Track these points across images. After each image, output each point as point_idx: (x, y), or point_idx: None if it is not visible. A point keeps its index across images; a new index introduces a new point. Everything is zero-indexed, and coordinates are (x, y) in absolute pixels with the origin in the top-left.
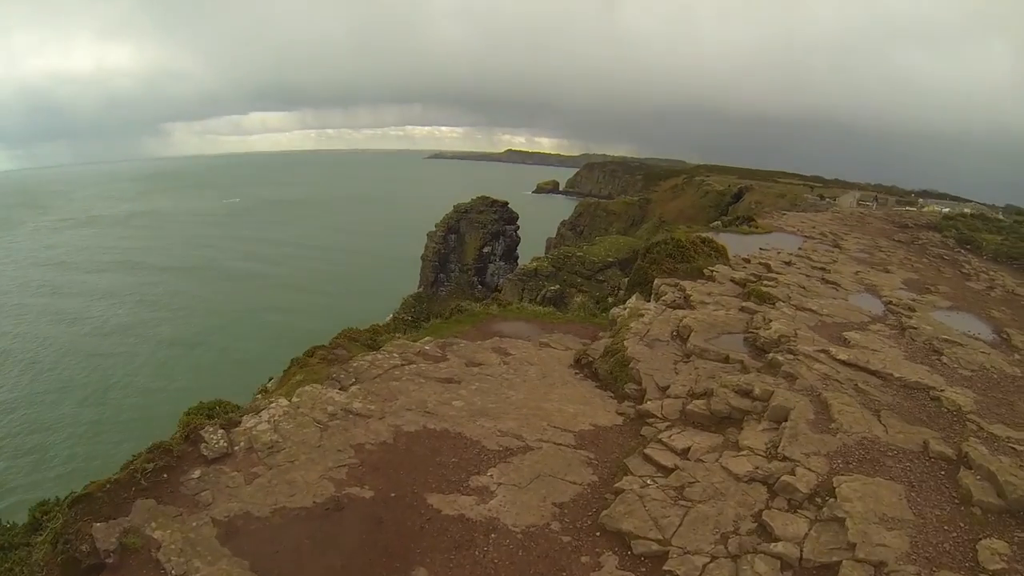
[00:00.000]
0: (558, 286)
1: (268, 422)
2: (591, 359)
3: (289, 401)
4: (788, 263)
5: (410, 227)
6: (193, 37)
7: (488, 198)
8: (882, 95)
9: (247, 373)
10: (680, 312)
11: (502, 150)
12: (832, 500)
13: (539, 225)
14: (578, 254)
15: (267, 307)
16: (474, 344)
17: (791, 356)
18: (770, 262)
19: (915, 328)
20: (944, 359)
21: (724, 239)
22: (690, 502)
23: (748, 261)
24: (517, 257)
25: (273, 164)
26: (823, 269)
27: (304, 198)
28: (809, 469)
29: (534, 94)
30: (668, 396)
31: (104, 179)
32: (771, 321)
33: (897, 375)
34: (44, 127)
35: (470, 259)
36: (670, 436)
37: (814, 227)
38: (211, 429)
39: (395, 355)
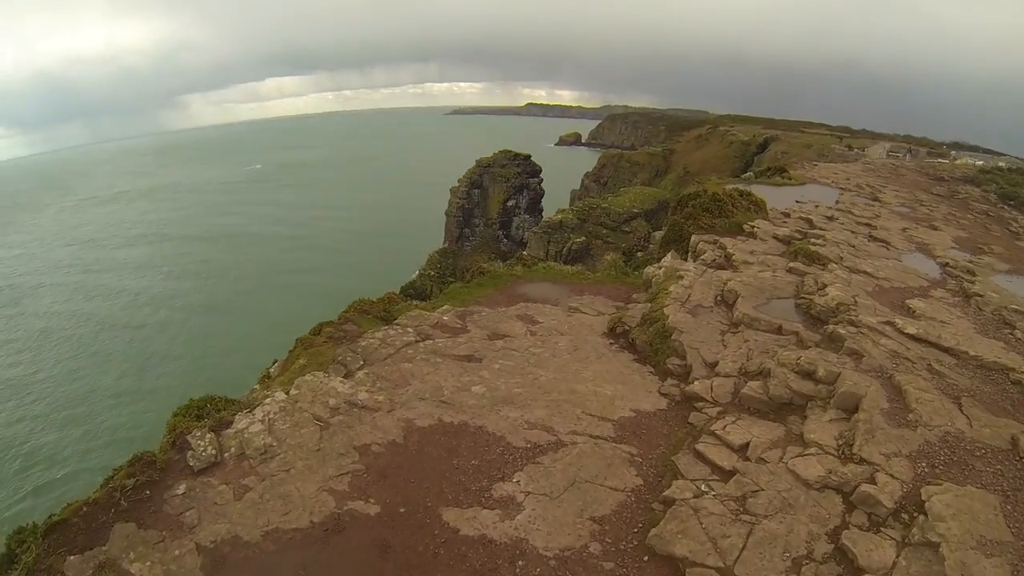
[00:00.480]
0: (584, 238)
1: (262, 422)
2: (627, 327)
3: (286, 394)
4: (830, 218)
5: (433, 183)
6: (202, 7)
7: (510, 152)
8: (911, 42)
9: (280, 335)
10: (723, 274)
11: (522, 104)
12: (923, 518)
13: (563, 177)
14: (603, 206)
15: (296, 269)
16: (497, 312)
17: (853, 329)
18: (811, 216)
19: (981, 296)
20: (1018, 333)
21: (757, 191)
22: (754, 516)
23: (788, 215)
24: (542, 210)
25: (292, 129)
26: (868, 225)
27: (325, 160)
28: (891, 476)
29: (552, 46)
30: (717, 374)
31: (123, 156)
32: (826, 286)
33: (972, 353)
34: (60, 109)
35: (494, 213)
36: (724, 427)
37: (848, 179)
38: (199, 434)
39: (409, 329)
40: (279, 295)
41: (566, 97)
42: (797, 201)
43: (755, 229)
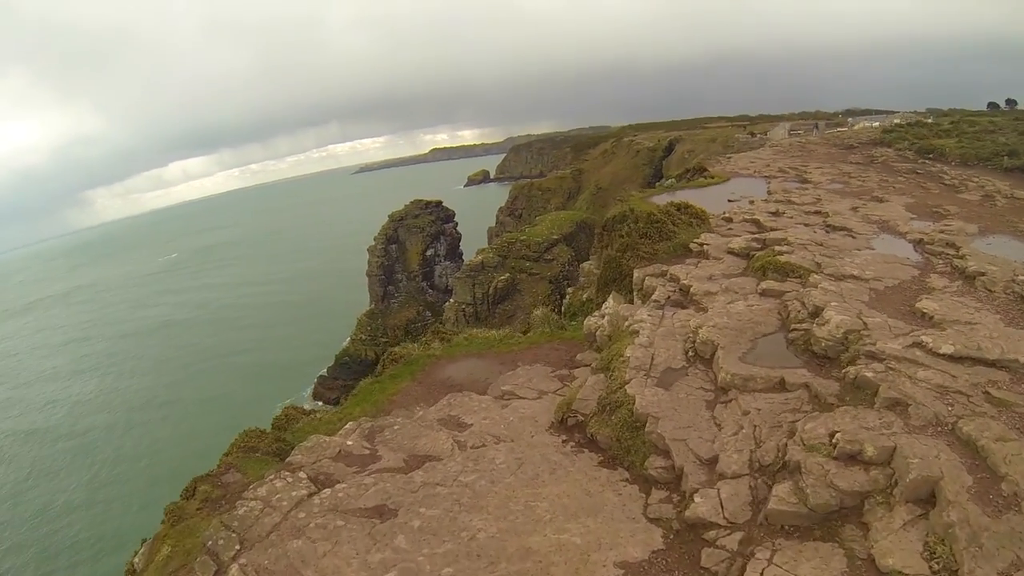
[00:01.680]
0: (508, 274)
1: None
2: (580, 417)
3: None
4: (775, 213)
5: (352, 244)
6: (94, 97)
7: (421, 200)
8: (788, 21)
9: (225, 417)
10: (685, 316)
11: (427, 151)
12: None
13: (477, 217)
14: (521, 238)
15: (229, 352)
16: (415, 420)
17: (879, 366)
18: (756, 216)
19: (982, 274)
20: None
21: (684, 197)
22: None
23: (730, 219)
24: (461, 254)
25: (201, 211)
26: (818, 212)
27: (240, 238)
28: None
29: (447, 88)
30: (722, 476)
31: (33, 262)
32: (820, 309)
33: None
34: None
35: (415, 265)
36: (760, 573)
37: (768, 164)
38: None
39: (302, 475)
40: (220, 380)
41: (468, 136)
42: (729, 200)
43: (705, 247)
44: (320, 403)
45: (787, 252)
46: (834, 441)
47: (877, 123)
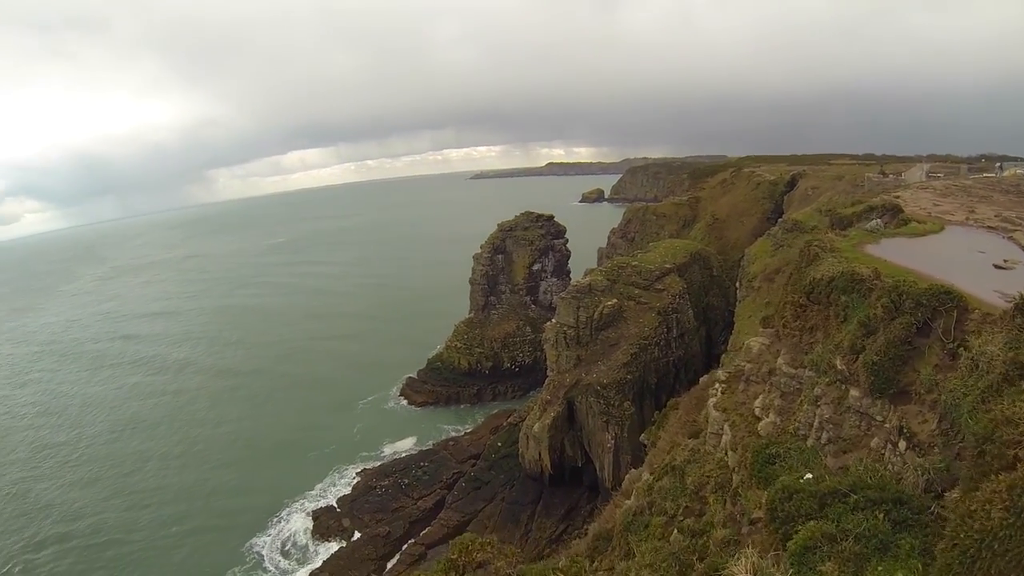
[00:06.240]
0: (615, 300)
1: None
2: None
3: None
4: None
5: (459, 249)
6: (218, 89)
7: (532, 213)
8: (905, 61)
9: (317, 405)
10: None
11: (542, 164)
12: None
13: (589, 236)
14: (633, 263)
15: (323, 337)
16: None
17: None
18: None
19: None
20: None
21: (892, 247)
22: None
23: None
24: (569, 272)
25: (315, 200)
26: None
27: (350, 229)
28: None
29: (560, 105)
30: None
31: (154, 229)
32: None
33: None
34: (93, 186)
35: (520, 278)
36: None
37: (971, 210)
38: None
39: None
40: (307, 363)
41: (583, 154)
42: (996, 266)
43: None
44: (404, 402)
45: None
46: None
47: None
